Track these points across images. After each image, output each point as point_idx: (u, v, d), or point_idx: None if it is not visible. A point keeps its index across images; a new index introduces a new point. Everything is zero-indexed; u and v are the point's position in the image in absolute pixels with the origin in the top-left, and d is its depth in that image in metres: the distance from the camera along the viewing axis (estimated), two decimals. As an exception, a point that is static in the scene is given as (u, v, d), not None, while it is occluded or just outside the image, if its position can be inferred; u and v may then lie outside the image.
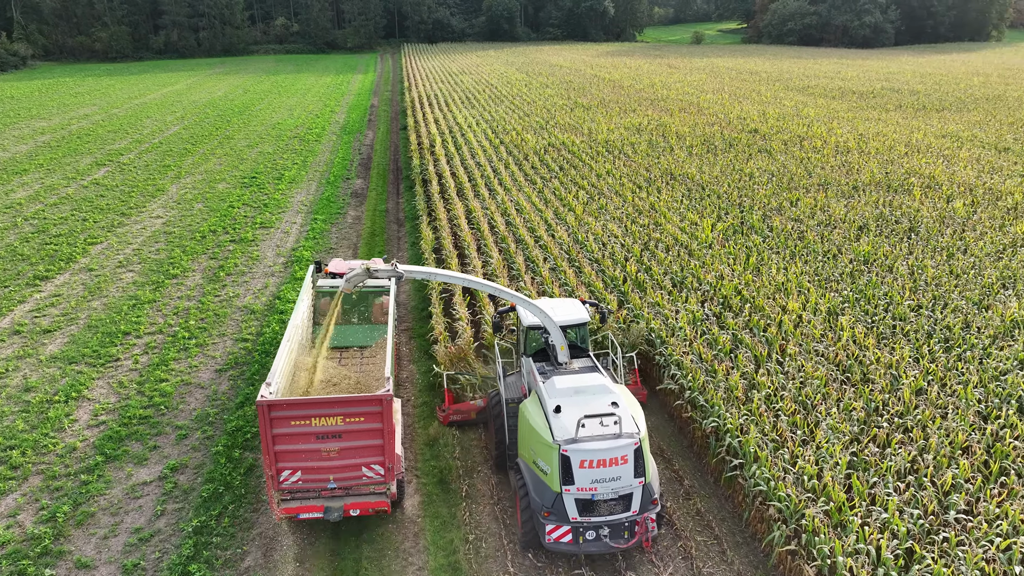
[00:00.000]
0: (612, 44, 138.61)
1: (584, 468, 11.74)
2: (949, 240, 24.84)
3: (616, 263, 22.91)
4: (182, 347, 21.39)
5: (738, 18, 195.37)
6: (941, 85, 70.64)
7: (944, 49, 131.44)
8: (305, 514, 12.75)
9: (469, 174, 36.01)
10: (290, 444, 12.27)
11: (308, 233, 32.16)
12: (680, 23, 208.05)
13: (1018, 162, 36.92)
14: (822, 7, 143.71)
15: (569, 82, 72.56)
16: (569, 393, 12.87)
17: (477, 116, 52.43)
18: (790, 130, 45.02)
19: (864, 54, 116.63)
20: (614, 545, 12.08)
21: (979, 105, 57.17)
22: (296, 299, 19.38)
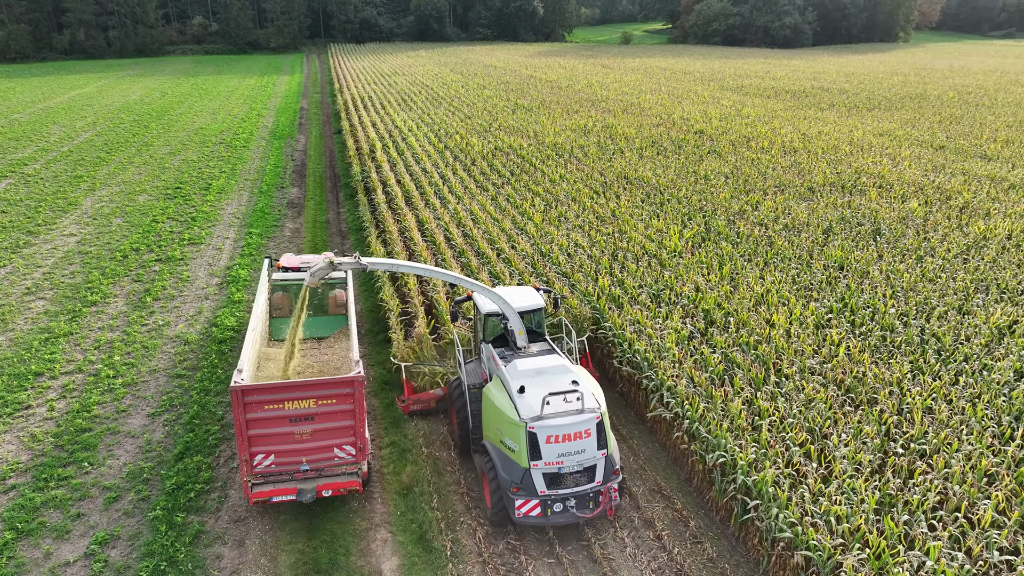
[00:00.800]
0: (543, 44, 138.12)
1: (550, 443, 12.40)
2: (914, 242, 24.55)
3: (587, 276, 21.51)
4: (107, 388, 18.81)
5: (663, 19, 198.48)
6: (866, 84, 72.63)
7: (859, 49, 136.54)
8: (278, 497, 13.01)
9: (416, 181, 34.07)
10: (263, 428, 12.53)
11: (243, 249, 29.59)
12: (606, 23, 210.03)
13: (955, 160, 37.55)
14: (744, 8, 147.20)
15: (506, 83, 71.16)
16: (531, 374, 13.48)
17: (417, 119, 50.36)
18: (735, 130, 44.84)
19: (786, 54, 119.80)
20: (580, 515, 12.82)
21: (905, 104, 58.76)
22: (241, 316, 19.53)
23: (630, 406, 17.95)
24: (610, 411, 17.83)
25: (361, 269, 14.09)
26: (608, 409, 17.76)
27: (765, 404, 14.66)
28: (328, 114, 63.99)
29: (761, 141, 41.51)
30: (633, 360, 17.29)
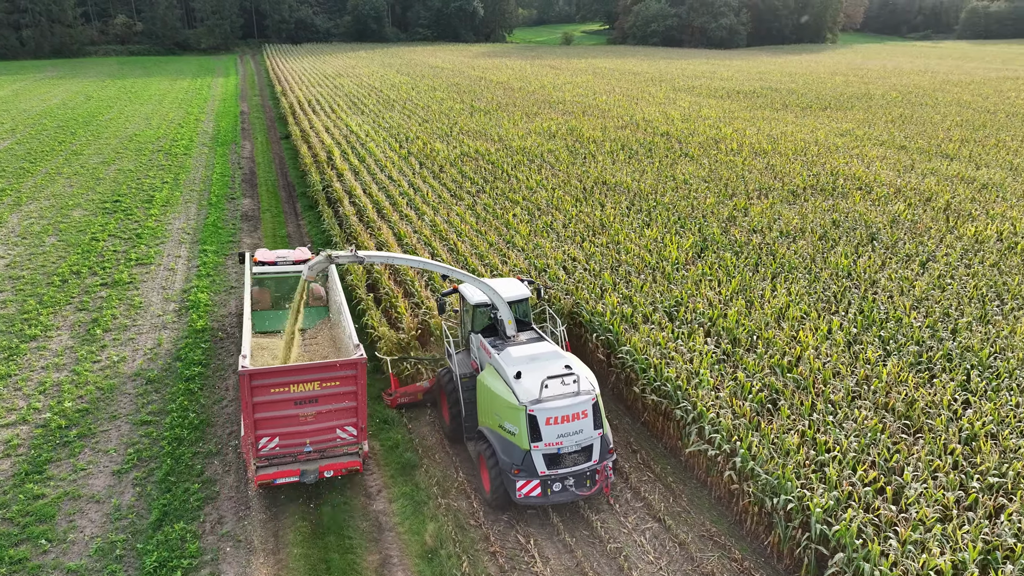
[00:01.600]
0: (484, 45, 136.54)
1: (550, 425, 12.92)
2: (911, 247, 24.01)
3: (592, 294, 20.03)
4: (59, 441, 16.29)
5: (600, 20, 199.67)
6: (811, 84, 73.71)
7: (792, 50, 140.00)
8: (282, 479, 13.34)
9: (385, 191, 31.97)
10: (269, 411, 12.84)
11: (199, 269, 26.99)
12: (544, 24, 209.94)
13: (920, 160, 37.75)
14: (681, 9, 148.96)
15: (456, 84, 69.26)
16: (525, 361, 13.95)
17: (372, 123, 48.01)
18: (700, 132, 44.24)
19: (725, 54, 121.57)
20: (579, 493, 13.36)
21: (854, 104, 59.56)
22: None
23: (657, 438, 16.56)
24: (636, 444, 16.44)
25: (358, 262, 14.21)
26: (633, 442, 16.40)
27: (821, 438, 13.44)
28: (272, 118, 60.82)
29: (729, 143, 40.97)
30: (662, 388, 15.88)
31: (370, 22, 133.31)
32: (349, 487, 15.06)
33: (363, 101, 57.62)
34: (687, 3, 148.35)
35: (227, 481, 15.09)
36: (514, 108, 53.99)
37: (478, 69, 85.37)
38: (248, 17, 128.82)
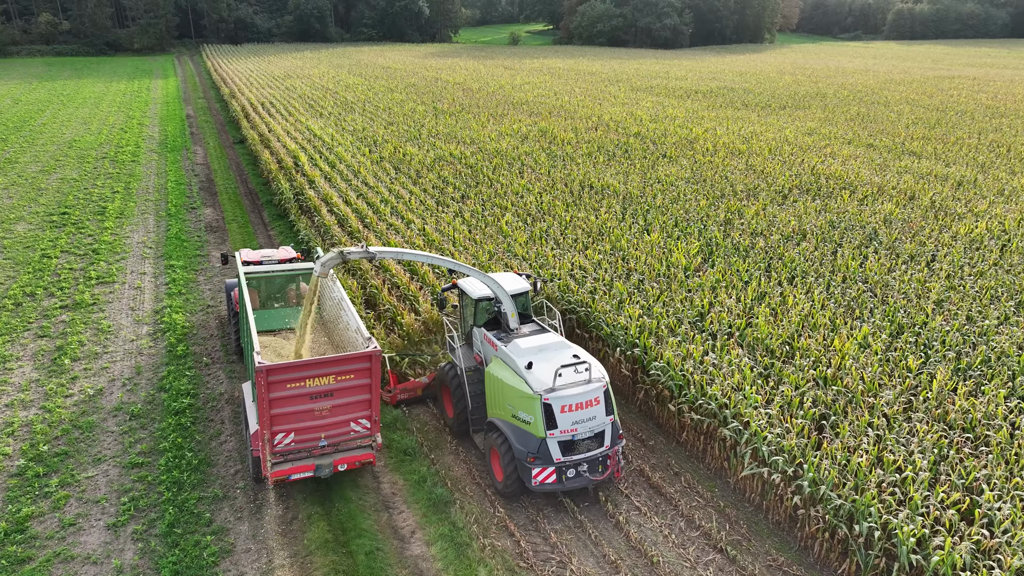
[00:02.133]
0: (432, 45, 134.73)
1: (565, 412, 13.23)
2: (911, 247, 23.90)
3: (610, 305, 19.08)
4: (39, 492, 14.42)
5: (543, 20, 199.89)
6: (763, 84, 74.74)
7: (735, 50, 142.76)
8: (297, 474, 13.32)
9: (364, 198, 30.35)
10: (285, 407, 12.74)
11: (169, 287, 24.96)
12: (487, 24, 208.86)
13: (890, 158, 38.22)
14: (626, 10, 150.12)
15: (413, 85, 67.57)
16: (534, 351, 14.14)
17: (335, 127, 46.05)
18: (673, 133, 43.93)
19: (672, 54, 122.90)
20: (593, 478, 13.68)
21: (810, 103, 60.43)
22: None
23: (698, 459, 15.70)
24: (678, 466, 15.57)
25: (369, 258, 14.21)
26: (675, 463, 15.54)
27: (888, 457, 12.79)
28: (222, 122, 58.02)
29: (704, 144, 40.73)
30: (704, 407, 15.04)
31: (313, 22, 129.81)
32: (378, 529, 13.71)
33: (320, 103, 55.45)
34: (631, 3, 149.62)
35: (242, 530, 13.54)
36: (478, 110, 52.77)
37: (431, 70, 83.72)
38: (184, 16, 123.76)
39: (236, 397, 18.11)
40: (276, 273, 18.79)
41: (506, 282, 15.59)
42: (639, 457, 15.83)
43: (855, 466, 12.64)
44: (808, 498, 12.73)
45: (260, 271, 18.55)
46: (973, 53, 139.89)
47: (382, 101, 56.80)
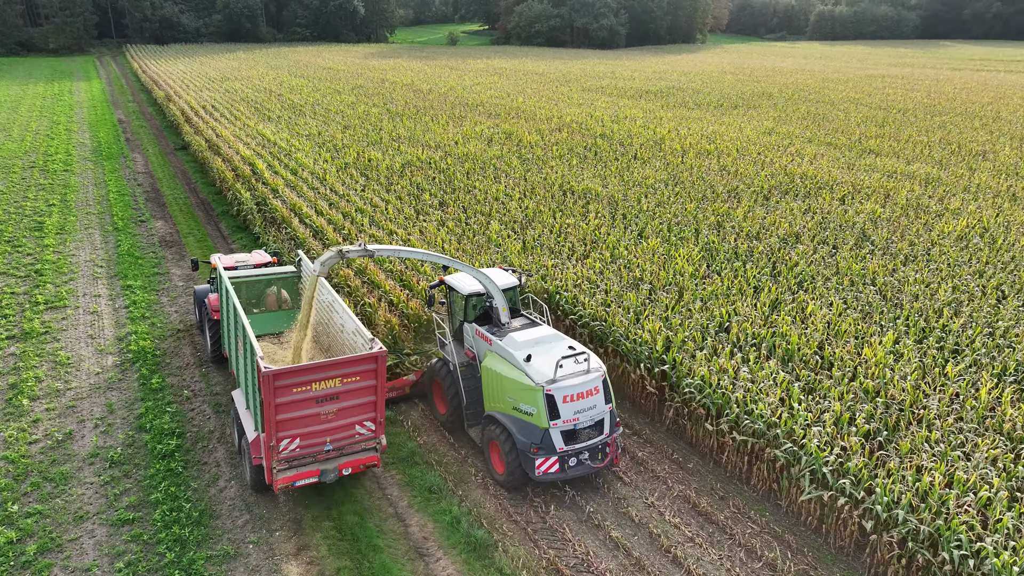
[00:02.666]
0: (370, 45, 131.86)
1: (567, 402, 13.47)
2: (904, 247, 23.89)
3: (627, 319, 18.16)
4: (16, 563, 12.49)
5: (479, 20, 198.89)
6: (709, 83, 75.67)
7: (671, 50, 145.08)
8: (302, 481, 13.05)
9: (336, 208, 28.59)
10: (291, 412, 12.47)
11: (130, 311, 22.78)
12: (421, 24, 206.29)
13: (854, 157, 38.76)
14: (563, 10, 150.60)
15: (360, 87, 65.40)
16: (530, 344, 14.41)
17: (289, 131, 43.78)
18: (637, 134, 43.54)
19: (613, 54, 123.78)
20: (594, 466, 14.01)
21: (760, 102, 61.34)
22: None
23: (742, 480, 14.91)
24: (723, 490, 14.75)
25: (368, 256, 14.09)
26: (719, 487, 14.74)
27: (961, 475, 12.26)
28: (158, 127, 54.70)
29: (672, 144, 40.45)
30: (753, 427, 14.26)
31: (244, 21, 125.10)
32: (417, 582, 12.38)
33: (266, 106, 52.84)
34: (568, 4, 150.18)
35: (264, 594, 11.97)
36: (435, 112, 51.28)
37: (375, 70, 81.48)
38: (103, 15, 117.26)
39: (228, 435, 16.37)
40: (259, 277, 18.21)
41: (496, 277, 15.73)
42: (679, 481, 14.95)
43: (926, 486, 12.05)
44: (880, 522, 12.07)
45: (244, 275, 17.95)
46: (891, 53, 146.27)
47: (331, 103, 54.58)
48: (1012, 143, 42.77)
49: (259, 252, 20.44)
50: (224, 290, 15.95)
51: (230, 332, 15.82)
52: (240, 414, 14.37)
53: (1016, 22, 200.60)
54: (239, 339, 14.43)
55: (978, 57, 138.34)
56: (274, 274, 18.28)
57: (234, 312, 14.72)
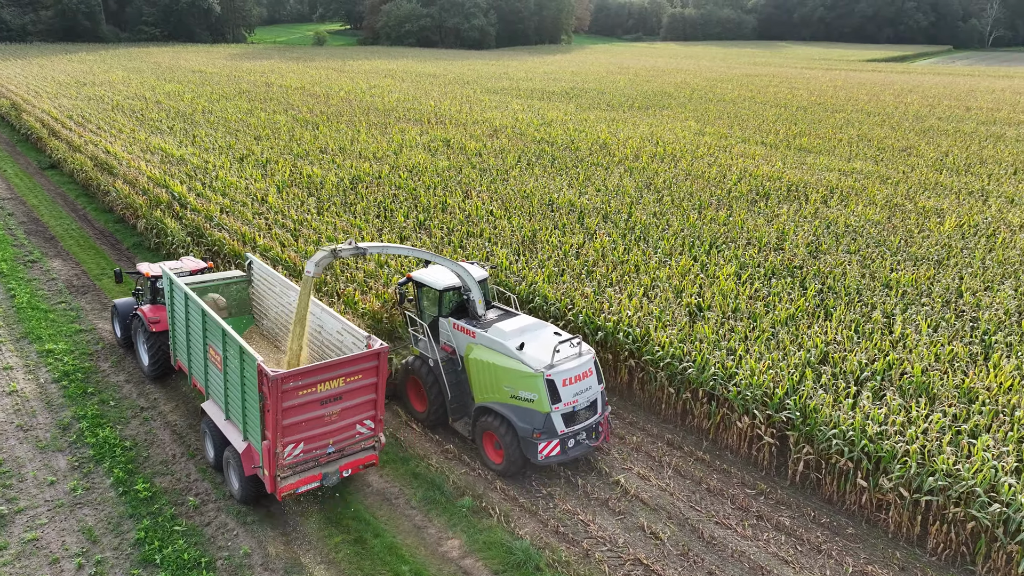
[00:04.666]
0: (230, 46, 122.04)
1: (566, 386, 13.82)
2: (914, 249, 23.43)
3: (723, 359, 15.93)
4: None
5: (340, 19, 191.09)
6: (605, 84, 75.50)
7: (544, 51, 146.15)
8: (304, 486, 12.72)
9: (301, 236, 24.24)
10: (296, 416, 12.12)
11: (64, 385, 17.78)
12: (277, 23, 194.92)
13: (799, 157, 39.00)
14: (433, 9, 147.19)
15: (246, 92, 59.11)
16: (518, 333, 14.59)
17: (193, 144, 37.84)
18: (574, 138, 41.64)
19: (494, 55, 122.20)
20: (591, 445, 14.53)
21: (667, 102, 61.56)
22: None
23: (912, 544, 13.07)
24: (901, 560, 12.84)
25: (360, 254, 13.93)
26: (898, 557, 12.83)
27: None
28: (8, 141, 46.27)
29: (621, 149, 38.88)
30: (934, 483, 12.44)
31: (80, 18, 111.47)
32: None
33: (148, 115, 46.00)
34: (438, 3, 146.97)
35: None
36: (349, 118, 46.82)
37: (252, 73, 74.56)
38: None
39: (274, 555, 12.45)
40: (215, 283, 17.32)
41: (473, 271, 15.62)
42: (846, 552, 12.88)
43: None
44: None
45: (198, 281, 16.94)
46: (742, 52, 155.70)
47: (224, 111, 48.51)
48: (923, 138, 44.93)
49: (189, 258, 19.27)
50: (182, 297, 14.97)
51: (192, 341, 14.92)
52: (219, 426, 13.70)
53: (836, 25, 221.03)
54: (213, 346, 13.69)
55: (818, 57, 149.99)
56: (226, 279, 17.36)
57: (202, 319, 13.98)
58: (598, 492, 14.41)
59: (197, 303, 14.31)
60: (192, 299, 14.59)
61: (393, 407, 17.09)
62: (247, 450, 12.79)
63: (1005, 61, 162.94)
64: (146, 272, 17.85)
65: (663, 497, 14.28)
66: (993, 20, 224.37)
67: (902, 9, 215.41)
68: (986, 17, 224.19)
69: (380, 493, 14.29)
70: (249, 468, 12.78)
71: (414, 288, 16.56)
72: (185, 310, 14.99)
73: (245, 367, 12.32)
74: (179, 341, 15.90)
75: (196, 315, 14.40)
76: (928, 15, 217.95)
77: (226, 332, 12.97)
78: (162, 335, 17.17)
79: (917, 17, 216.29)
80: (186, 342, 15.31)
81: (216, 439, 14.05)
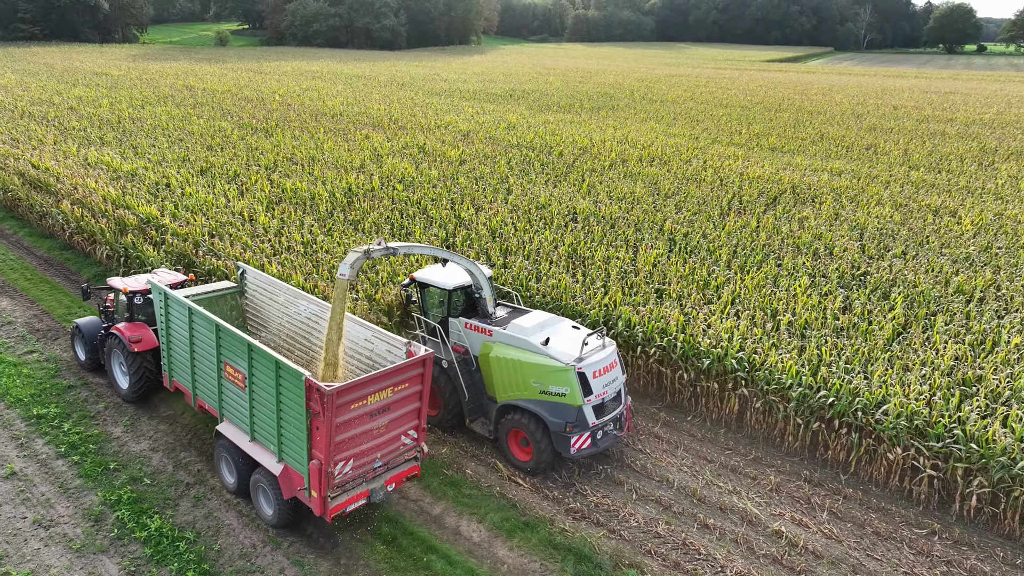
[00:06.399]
0: (124, 46, 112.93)
1: (596, 377, 13.90)
2: (953, 250, 23.25)
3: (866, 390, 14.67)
4: None
5: (237, 19, 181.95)
6: (544, 85, 74.30)
7: (458, 51, 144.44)
8: (352, 505, 12.14)
9: (310, 259, 21.28)
10: (347, 431, 11.56)
11: (74, 461, 14.47)
12: (165, 23, 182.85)
13: (772, 155, 38.95)
14: (342, 9, 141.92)
15: (170, 97, 53.84)
16: (538, 328, 14.56)
17: (141, 157, 33.34)
18: (549, 142, 40.01)
19: (410, 55, 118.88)
20: (617, 435, 14.64)
21: (616, 103, 60.88)
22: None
23: None
24: None
25: (392, 254, 13.40)
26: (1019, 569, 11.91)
27: None
28: None
29: (607, 154, 37.53)
30: None
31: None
32: None
33: (69, 124, 40.66)
34: (347, 3, 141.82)
35: None
36: (300, 125, 43.22)
37: (165, 76, 68.49)
38: None
39: None
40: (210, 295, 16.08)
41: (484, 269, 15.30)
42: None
43: None
44: None
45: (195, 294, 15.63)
46: (648, 54, 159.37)
47: (154, 118, 43.67)
48: (875, 136, 46.14)
49: (163, 271, 17.91)
50: (184, 311, 13.88)
51: (199, 359, 13.88)
52: (244, 448, 12.77)
53: (729, 27, 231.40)
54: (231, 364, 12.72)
55: (721, 57, 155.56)
56: (216, 291, 16.24)
57: (215, 334, 12.96)
58: (764, 547, 12.78)
59: (209, 317, 13.22)
60: (200, 313, 13.54)
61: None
62: (284, 472, 11.98)
63: (885, 62, 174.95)
64: (123, 287, 16.43)
65: (835, 547, 12.82)
66: (867, 24, 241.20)
67: (787, 13, 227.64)
68: (860, 21, 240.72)
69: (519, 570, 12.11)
70: (288, 491, 12.00)
71: (416, 289, 16.21)
72: (189, 326, 13.86)
73: (282, 383, 11.52)
74: (178, 360, 14.73)
75: (206, 330, 13.37)
76: (811, 18, 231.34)
77: (254, 347, 12.09)
78: (144, 355, 16.00)
79: (801, 20, 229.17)
80: (190, 361, 14.16)
81: (239, 463, 13.09)
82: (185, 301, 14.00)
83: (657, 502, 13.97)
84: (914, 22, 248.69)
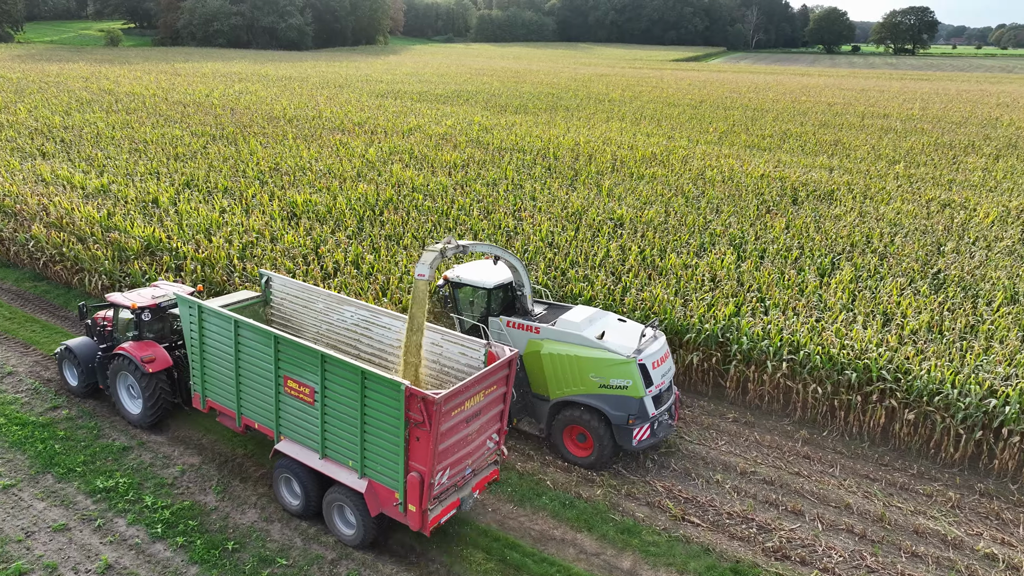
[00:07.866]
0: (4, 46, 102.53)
1: (655, 368, 13.95)
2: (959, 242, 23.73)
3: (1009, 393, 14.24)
4: None
5: (122, 17, 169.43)
6: (486, 85, 72.84)
7: (368, 51, 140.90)
8: (446, 516, 11.65)
9: (376, 282, 18.99)
10: (447, 439, 11.05)
11: (154, 525, 12.10)
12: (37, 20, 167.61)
13: (765, 155, 39.31)
14: (244, 7, 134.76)
15: (92, 101, 48.50)
16: (588, 323, 14.49)
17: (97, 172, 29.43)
18: (550, 146, 38.70)
19: (324, 55, 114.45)
20: (672, 423, 14.72)
21: (569, 104, 60.14)
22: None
23: None
24: None
25: (464, 252, 13.18)
26: None
27: None
28: None
29: (602, 155, 36.56)
30: None
31: None
32: None
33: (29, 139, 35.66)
34: (249, 1, 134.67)
35: None
36: (259, 131, 39.81)
37: (70, 79, 62.04)
38: None
39: None
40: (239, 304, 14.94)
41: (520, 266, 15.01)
42: None
43: None
44: None
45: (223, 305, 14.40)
46: (557, 53, 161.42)
47: (90, 126, 39.03)
48: (832, 132, 47.59)
49: (164, 282, 16.89)
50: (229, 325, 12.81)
51: (246, 376, 12.95)
52: (316, 467, 12.00)
53: (627, 28, 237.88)
54: (293, 378, 12.02)
55: (629, 56, 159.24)
56: (241, 301, 15.08)
57: (274, 347, 12.13)
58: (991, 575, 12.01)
59: (265, 330, 12.26)
60: (251, 326, 12.48)
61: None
62: (370, 488, 11.37)
63: (777, 60, 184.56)
64: (130, 303, 15.07)
65: (1053, 565, 12.23)
66: (755, 25, 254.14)
67: (681, 14, 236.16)
68: (748, 22, 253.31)
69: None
70: (375, 508, 11.42)
71: (450, 289, 15.65)
72: (235, 340, 12.78)
73: (369, 395, 10.96)
74: (216, 378, 13.58)
75: (260, 344, 12.43)
76: (703, 19, 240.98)
77: (329, 358, 11.38)
78: (159, 375, 14.83)
79: (695, 21, 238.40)
80: (235, 378, 13.09)
81: (309, 483, 12.26)
82: (229, 314, 12.93)
83: (849, 531, 12.97)
84: (794, 24, 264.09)
